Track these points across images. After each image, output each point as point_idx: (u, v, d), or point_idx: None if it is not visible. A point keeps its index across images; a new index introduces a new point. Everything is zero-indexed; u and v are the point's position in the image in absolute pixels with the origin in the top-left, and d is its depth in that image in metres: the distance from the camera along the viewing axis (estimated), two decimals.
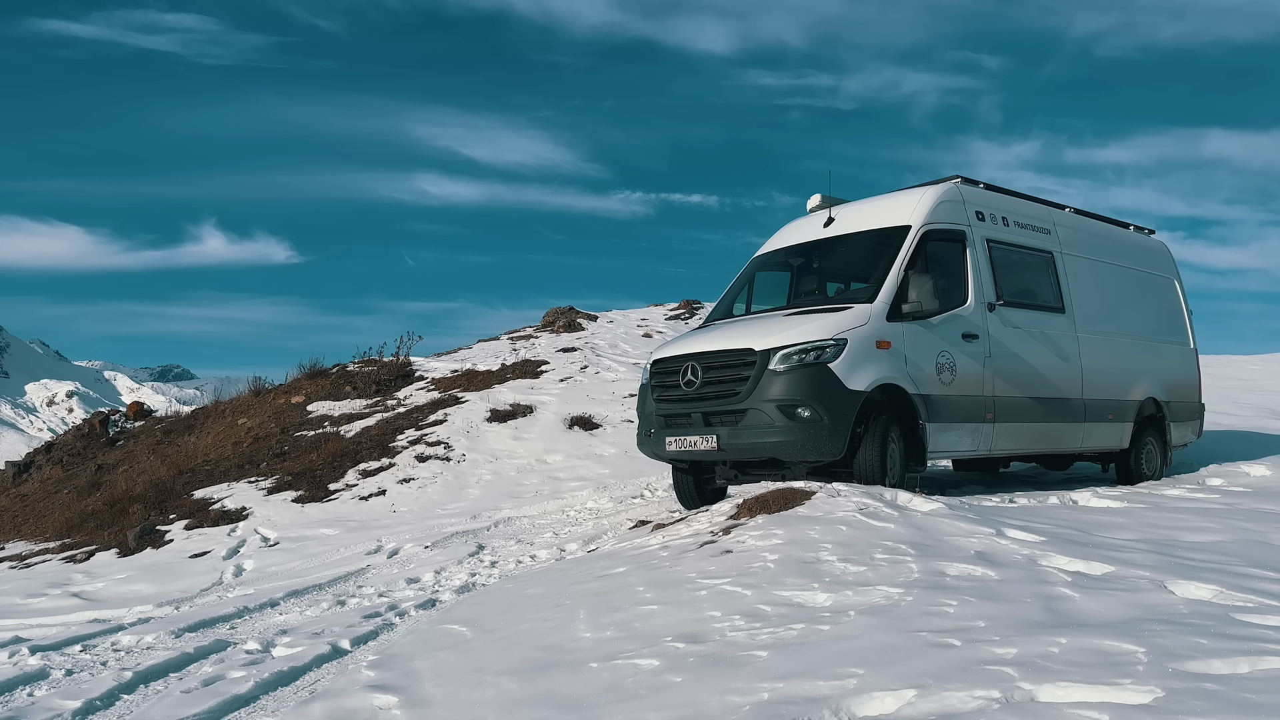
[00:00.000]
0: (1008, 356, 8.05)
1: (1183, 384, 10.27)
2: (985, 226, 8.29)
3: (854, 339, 7.04)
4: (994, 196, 8.67)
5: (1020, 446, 8.58)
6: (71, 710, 4.68)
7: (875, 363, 7.08)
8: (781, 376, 6.97)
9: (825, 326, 7.11)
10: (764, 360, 7.02)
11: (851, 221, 8.36)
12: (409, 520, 9.79)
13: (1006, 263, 8.37)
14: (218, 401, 17.57)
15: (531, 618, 5.10)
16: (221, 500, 11.25)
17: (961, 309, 7.83)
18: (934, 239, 7.85)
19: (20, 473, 15.67)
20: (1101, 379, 9.01)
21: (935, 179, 8.51)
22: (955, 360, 7.61)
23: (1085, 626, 3.76)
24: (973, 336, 7.82)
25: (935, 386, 7.46)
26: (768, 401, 6.98)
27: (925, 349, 7.44)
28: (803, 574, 4.93)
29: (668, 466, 8.88)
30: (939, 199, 8.02)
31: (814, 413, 6.87)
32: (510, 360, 17.21)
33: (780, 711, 3.21)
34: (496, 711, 3.73)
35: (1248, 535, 5.67)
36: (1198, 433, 10.59)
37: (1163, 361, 9.99)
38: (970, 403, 7.74)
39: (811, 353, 6.95)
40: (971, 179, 8.61)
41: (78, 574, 9.24)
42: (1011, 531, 5.62)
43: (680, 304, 23.23)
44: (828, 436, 6.92)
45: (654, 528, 7.40)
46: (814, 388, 6.88)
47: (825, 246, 8.53)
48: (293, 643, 5.63)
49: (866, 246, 8.04)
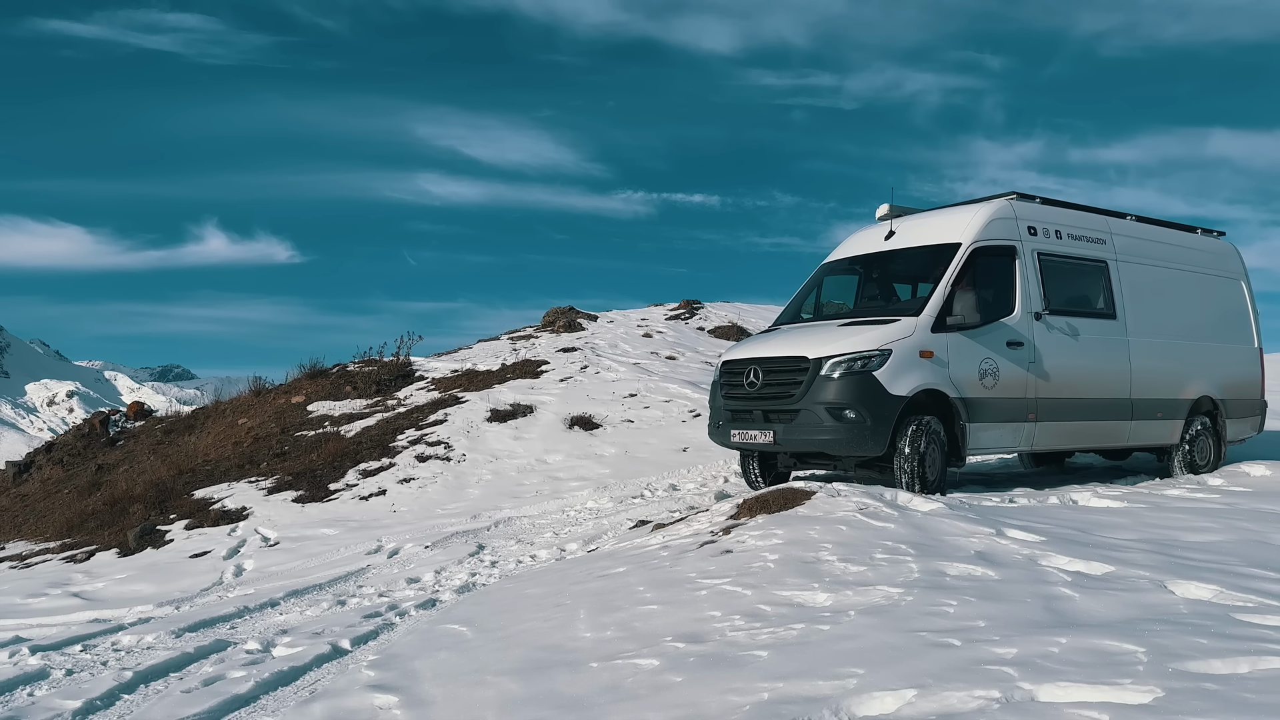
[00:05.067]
0: (1052, 361, 8.56)
1: (1242, 382, 10.59)
2: (1037, 240, 8.80)
3: (899, 349, 7.70)
4: (1048, 210, 9.14)
5: (1063, 443, 9.20)
6: (71, 710, 4.68)
7: (918, 370, 7.73)
8: (831, 382, 7.68)
9: (873, 338, 7.77)
10: (816, 367, 7.74)
11: (910, 236, 8.96)
12: (409, 520, 9.79)
13: (1057, 273, 8.87)
14: (218, 401, 17.55)
15: (531, 618, 5.11)
16: (222, 500, 11.26)
17: (1008, 319, 8.40)
18: (984, 254, 8.43)
19: (20, 473, 15.67)
20: (1151, 379, 9.43)
21: (990, 195, 8.98)
22: (999, 366, 8.21)
23: (1085, 626, 3.76)
24: (1018, 344, 8.37)
25: (977, 390, 8.06)
26: (818, 403, 7.69)
27: (968, 357, 8.04)
28: (803, 574, 4.94)
29: (667, 467, 10.31)
30: (990, 217, 8.57)
31: (859, 415, 7.56)
32: (510, 360, 17.21)
33: (780, 711, 3.21)
34: (496, 711, 3.73)
35: (1248, 535, 5.67)
36: (1258, 428, 10.93)
37: (1221, 361, 10.31)
38: (1012, 404, 8.31)
39: (859, 361, 7.64)
40: (1027, 194, 9.06)
41: (78, 574, 9.24)
42: (1011, 531, 5.62)
43: (680, 304, 23.20)
44: (870, 436, 7.59)
45: (654, 528, 7.40)
46: (859, 393, 7.58)
47: (886, 258, 9.15)
48: (293, 642, 5.63)
49: (922, 260, 8.65)
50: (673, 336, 19.45)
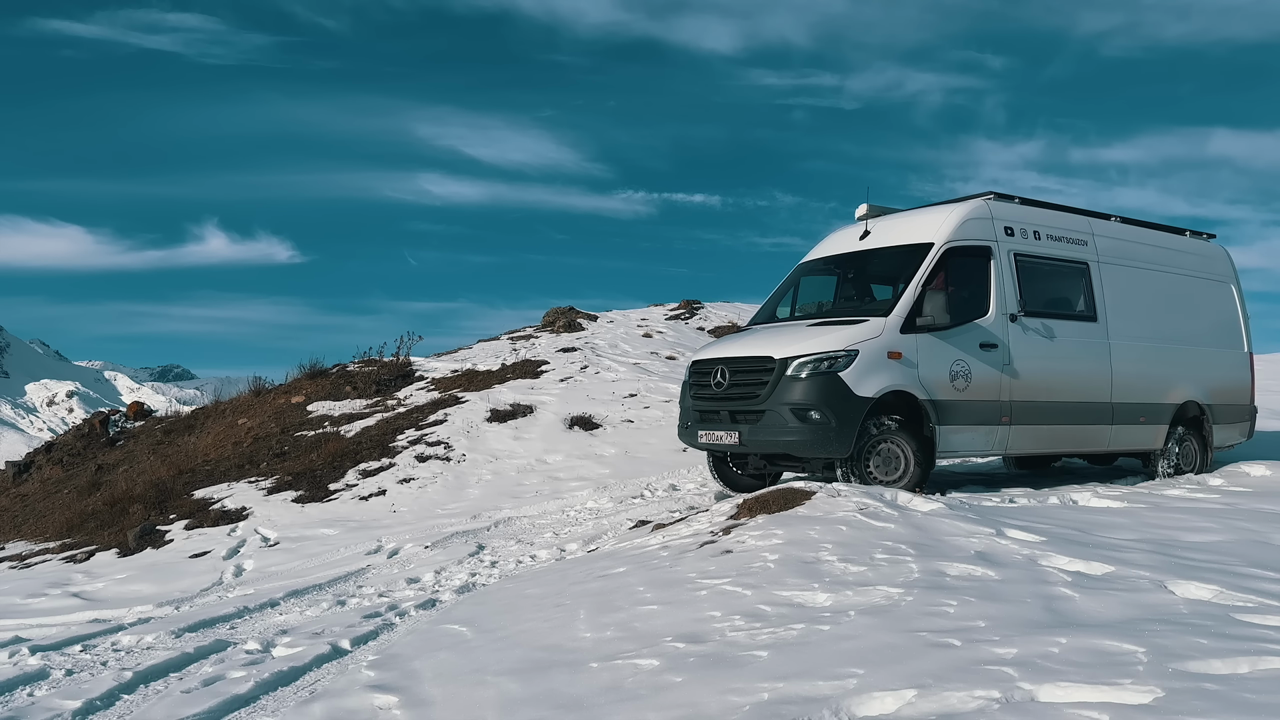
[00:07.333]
0: (1027, 363, 8.42)
1: (1230, 388, 10.36)
2: (1014, 241, 8.67)
3: (866, 350, 7.61)
4: (1026, 211, 9.00)
5: (1039, 447, 9.07)
6: (71, 710, 4.68)
7: (885, 371, 7.64)
8: (796, 382, 7.61)
9: (839, 339, 7.69)
10: (782, 367, 7.67)
11: (884, 236, 8.87)
12: (409, 520, 9.79)
13: (1035, 274, 8.75)
14: (218, 401, 17.54)
15: (531, 618, 5.11)
16: (221, 500, 11.25)
17: (982, 320, 8.28)
18: (957, 255, 8.32)
19: (20, 473, 15.66)
20: (1134, 383, 9.27)
21: (968, 195, 8.86)
22: (971, 368, 8.08)
23: (1085, 626, 3.76)
24: (991, 346, 8.24)
25: (948, 392, 7.94)
26: (783, 404, 7.62)
27: (939, 358, 7.93)
28: (803, 574, 4.94)
29: (667, 467, 10.27)
30: (965, 217, 8.45)
31: (823, 416, 7.48)
32: (510, 360, 17.20)
33: (780, 711, 3.21)
34: (496, 711, 3.73)
35: (1248, 535, 5.68)
36: (1247, 434, 10.68)
37: (1208, 365, 10.10)
38: (985, 407, 8.18)
39: (825, 362, 7.57)
40: (1006, 195, 8.93)
41: (78, 574, 9.23)
42: (1012, 531, 5.62)
43: (680, 304, 23.20)
44: (835, 437, 7.50)
45: (654, 528, 7.40)
46: (824, 394, 7.50)
47: (861, 259, 9.07)
48: (293, 643, 5.63)
49: (895, 260, 8.54)
50: (673, 336, 19.45)
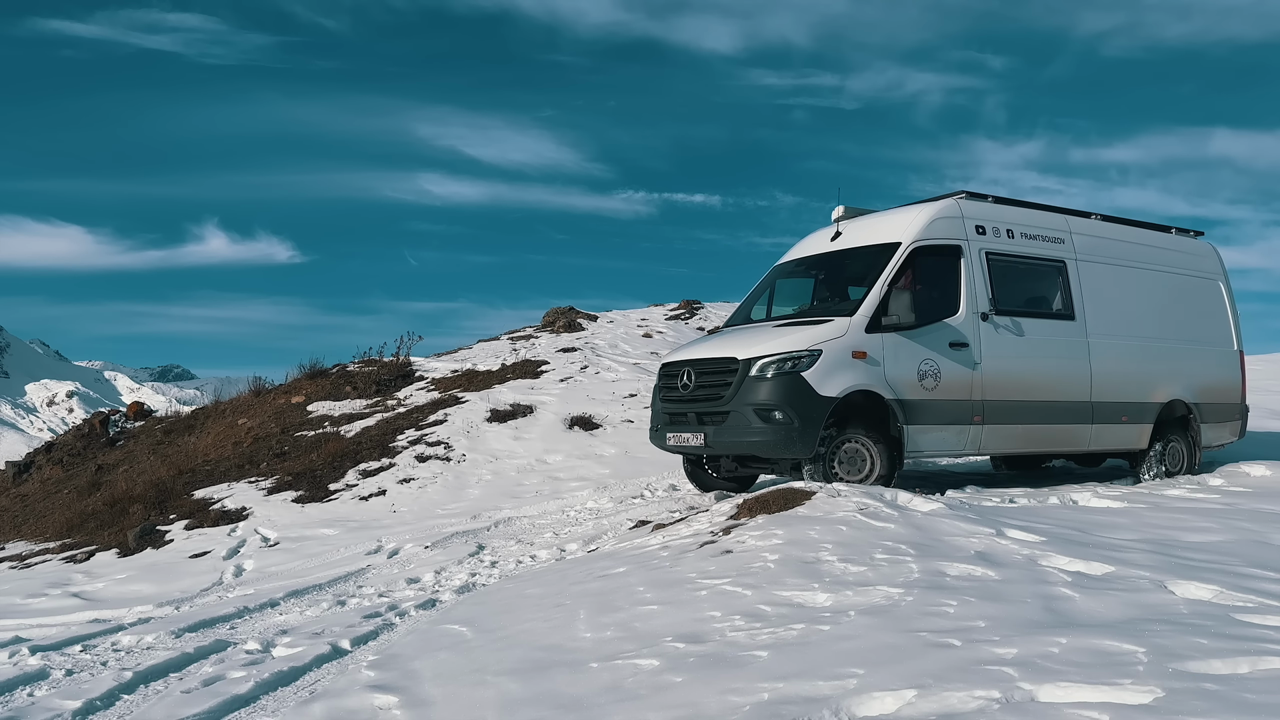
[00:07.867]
0: (1000, 362, 8.38)
1: (1219, 386, 10.20)
2: (985, 239, 8.64)
3: (829, 349, 7.63)
4: (999, 209, 8.95)
5: (1014, 447, 8.99)
6: (71, 710, 4.68)
7: (850, 371, 7.66)
8: (760, 383, 7.65)
9: (803, 339, 7.73)
10: (745, 368, 7.72)
11: (854, 237, 8.89)
12: (409, 520, 9.79)
13: (1008, 273, 8.70)
14: (218, 401, 17.55)
15: (531, 618, 5.11)
16: (221, 500, 11.25)
17: (952, 319, 8.25)
18: (925, 254, 8.31)
19: (20, 473, 15.66)
20: (1115, 382, 9.15)
21: (939, 195, 8.82)
22: (940, 367, 8.06)
23: (1085, 626, 3.76)
24: (962, 345, 8.22)
25: (916, 392, 7.92)
26: (747, 405, 7.66)
27: (906, 357, 7.92)
28: (803, 574, 4.94)
29: (667, 467, 10.29)
30: (933, 217, 8.44)
31: (786, 416, 7.51)
32: (510, 360, 17.20)
33: (780, 711, 3.21)
34: (496, 711, 3.73)
35: (1248, 535, 5.68)
36: (1237, 434, 10.52)
37: (1196, 364, 9.95)
38: (955, 406, 8.14)
39: (788, 362, 7.60)
40: (979, 193, 8.89)
41: (78, 574, 9.23)
42: (1012, 531, 5.62)
43: (680, 304, 23.20)
44: (798, 437, 7.53)
45: (654, 528, 7.40)
46: (787, 394, 7.53)
47: (834, 260, 9.06)
48: (293, 643, 5.63)
49: (865, 261, 8.51)
50: (673, 337, 19.45)
